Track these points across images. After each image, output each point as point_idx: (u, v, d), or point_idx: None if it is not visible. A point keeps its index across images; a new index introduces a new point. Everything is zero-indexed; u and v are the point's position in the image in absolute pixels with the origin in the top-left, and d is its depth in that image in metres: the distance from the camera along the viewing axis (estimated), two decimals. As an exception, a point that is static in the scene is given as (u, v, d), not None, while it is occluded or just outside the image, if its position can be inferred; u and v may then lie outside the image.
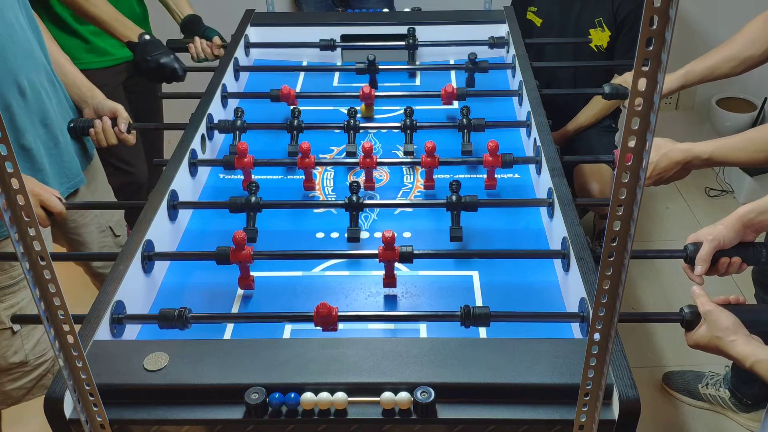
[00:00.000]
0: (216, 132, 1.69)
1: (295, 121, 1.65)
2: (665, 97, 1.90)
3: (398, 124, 1.65)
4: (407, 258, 1.23)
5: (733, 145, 1.42)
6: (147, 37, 1.92)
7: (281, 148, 1.68)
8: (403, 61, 2.03)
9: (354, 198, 1.37)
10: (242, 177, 1.54)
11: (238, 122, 1.65)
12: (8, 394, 1.55)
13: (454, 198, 1.35)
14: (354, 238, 1.36)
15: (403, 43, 2.01)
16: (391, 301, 1.26)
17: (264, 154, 1.63)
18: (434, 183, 1.53)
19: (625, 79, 1.85)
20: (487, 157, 1.48)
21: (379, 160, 1.53)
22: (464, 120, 1.63)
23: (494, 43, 2.01)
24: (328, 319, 1.09)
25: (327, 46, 2.02)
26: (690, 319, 1.10)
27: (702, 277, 1.20)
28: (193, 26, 2.16)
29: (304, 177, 1.54)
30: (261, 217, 1.40)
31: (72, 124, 1.63)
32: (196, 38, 2.12)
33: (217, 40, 2.12)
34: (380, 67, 1.87)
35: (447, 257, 1.33)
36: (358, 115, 1.72)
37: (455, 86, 1.74)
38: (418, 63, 2.08)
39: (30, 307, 1.50)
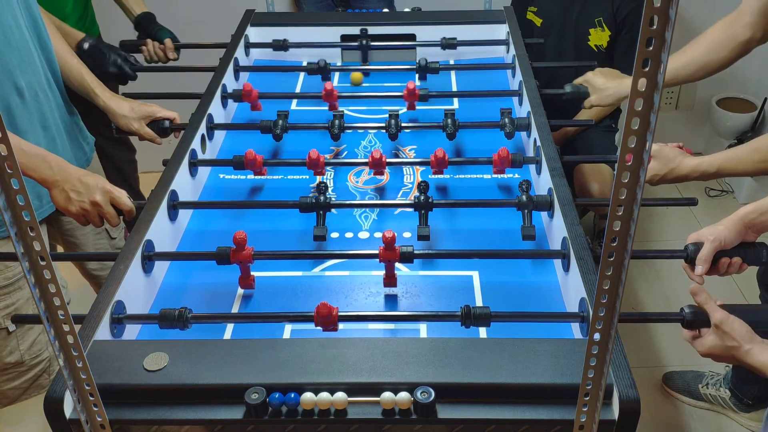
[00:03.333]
0: (216, 132, 1.69)
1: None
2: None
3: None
4: (407, 258, 1.23)
5: (739, 156, 1.41)
6: (86, 45, 1.83)
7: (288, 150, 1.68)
8: (403, 60, 2.03)
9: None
10: (246, 177, 1.56)
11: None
12: (4, 394, 1.56)
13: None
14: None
15: (356, 43, 2.02)
16: (391, 301, 1.26)
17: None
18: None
19: (586, 78, 1.82)
20: (496, 157, 1.48)
21: (387, 161, 1.51)
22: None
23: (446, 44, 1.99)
24: (328, 319, 1.09)
25: (279, 46, 2.03)
26: (690, 319, 1.09)
27: (702, 277, 1.19)
28: (145, 25, 2.08)
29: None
30: (261, 217, 1.40)
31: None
32: (149, 41, 2.05)
33: (168, 42, 2.04)
34: (331, 67, 1.91)
35: (447, 257, 1.33)
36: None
37: (418, 87, 1.72)
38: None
39: (25, 307, 1.50)
